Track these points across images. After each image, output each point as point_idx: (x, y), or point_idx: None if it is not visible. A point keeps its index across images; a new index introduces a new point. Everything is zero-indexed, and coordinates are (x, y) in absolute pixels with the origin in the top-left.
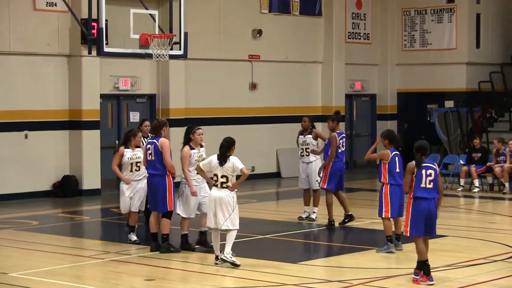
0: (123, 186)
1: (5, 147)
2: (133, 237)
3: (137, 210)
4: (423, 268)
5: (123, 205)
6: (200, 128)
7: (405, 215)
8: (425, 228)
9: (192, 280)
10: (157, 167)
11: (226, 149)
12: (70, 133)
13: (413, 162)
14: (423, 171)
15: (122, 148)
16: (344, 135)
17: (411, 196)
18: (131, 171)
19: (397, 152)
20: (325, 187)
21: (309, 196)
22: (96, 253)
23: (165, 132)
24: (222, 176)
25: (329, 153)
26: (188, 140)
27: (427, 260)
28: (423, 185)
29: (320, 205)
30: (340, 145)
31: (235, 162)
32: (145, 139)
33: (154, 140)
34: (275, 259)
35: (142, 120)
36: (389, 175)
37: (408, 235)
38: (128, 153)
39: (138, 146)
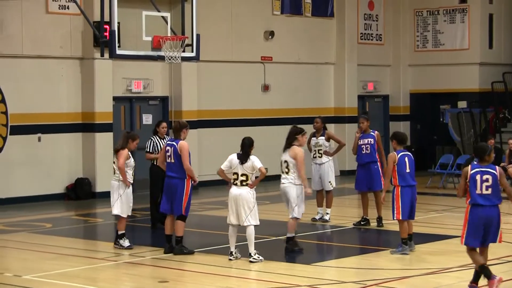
0: (128, 190)
1: (19, 150)
2: (127, 243)
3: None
4: (484, 273)
5: (127, 209)
6: (306, 133)
7: (463, 221)
8: (482, 237)
9: (205, 282)
10: (176, 169)
11: (248, 148)
12: (83, 135)
13: (468, 167)
14: (478, 176)
15: (127, 149)
16: None
17: (468, 202)
18: (131, 176)
19: (406, 153)
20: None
21: (322, 197)
22: (110, 255)
23: (185, 134)
24: (242, 175)
25: (381, 151)
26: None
27: (483, 265)
28: (478, 191)
29: (333, 206)
30: None
31: (254, 161)
32: (162, 140)
33: (174, 142)
34: (288, 260)
35: (159, 121)
36: (399, 177)
37: (463, 244)
38: (131, 157)
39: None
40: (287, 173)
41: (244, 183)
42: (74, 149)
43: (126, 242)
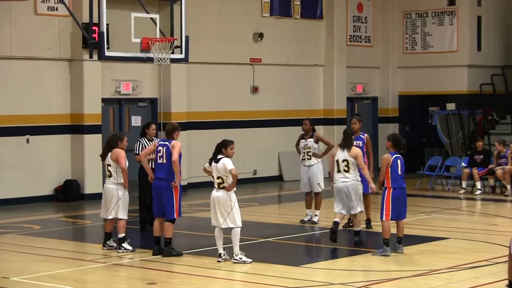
0: (126, 192)
1: (7, 151)
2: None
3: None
4: None
5: (127, 211)
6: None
7: None
8: None
9: (194, 283)
10: (166, 171)
11: (216, 151)
12: (71, 137)
13: None
14: None
15: (123, 151)
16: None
17: None
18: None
19: (399, 155)
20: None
21: (311, 199)
22: (98, 257)
23: (177, 136)
24: (218, 177)
25: (369, 155)
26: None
27: None
28: None
29: (322, 208)
30: None
31: (226, 163)
32: (150, 142)
33: (166, 143)
34: (277, 262)
35: (148, 123)
36: (392, 179)
37: None
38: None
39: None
40: (347, 171)
41: (221, 186)
42: (63, 150)
43: (129, 246)
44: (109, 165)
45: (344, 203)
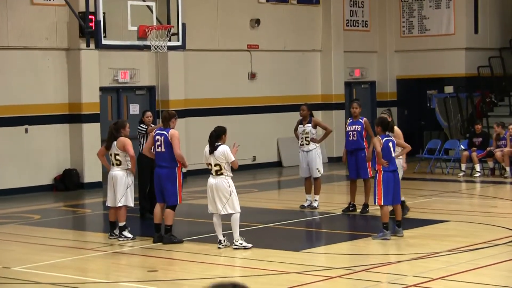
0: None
1: (6, 142)
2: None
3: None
4: None
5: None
6: None
7: None
8: None
9: (195, 270)
10: (167, 159)
11: (214, 139)
12: (70, 126)
13: None
14: None
15: (127, 138)
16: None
17: None
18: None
19: (390, 138)
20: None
21: (310, 185)
22: (99, 246)
23: (174, 123)
24: (216, 165)
25: (371, 138)
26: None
27: None
28: None
29: (322, 193)
30: None
31: (226, 151)
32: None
33: (164, 132)
34: (277, 247)
35: (144, 111)
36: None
37: None
38: None
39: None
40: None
41: (218, 173)
42: (62, 140)
43: (129, 234)
44: (117, 154)
45: None
